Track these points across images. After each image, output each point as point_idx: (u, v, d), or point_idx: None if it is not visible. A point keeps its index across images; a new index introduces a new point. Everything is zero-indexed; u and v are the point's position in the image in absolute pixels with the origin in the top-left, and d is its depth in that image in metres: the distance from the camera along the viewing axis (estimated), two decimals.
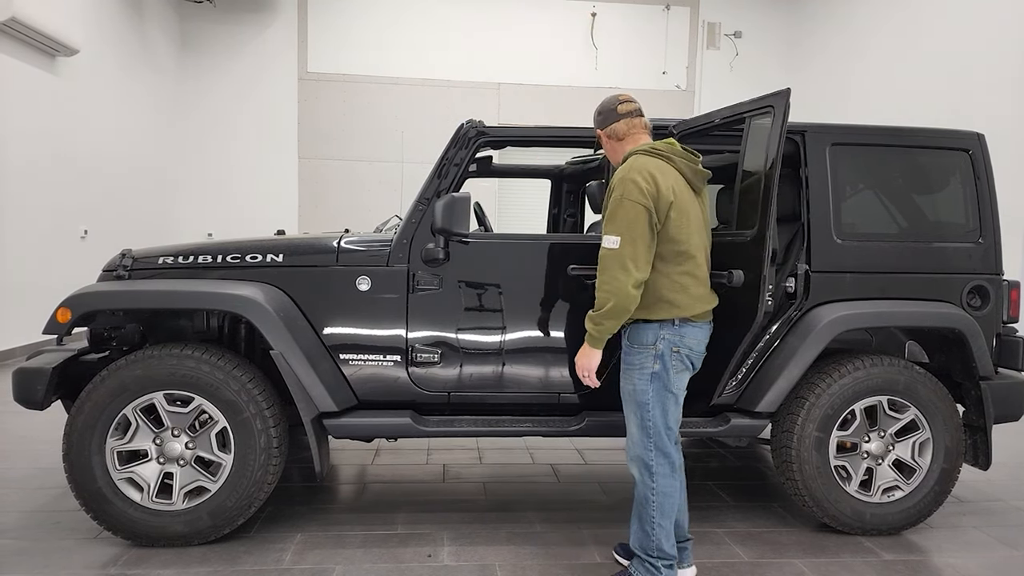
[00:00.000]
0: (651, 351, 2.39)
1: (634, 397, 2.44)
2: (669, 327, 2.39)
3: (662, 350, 2.38)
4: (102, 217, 8.26)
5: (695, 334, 2.43)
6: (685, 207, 2.38)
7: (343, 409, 2.91)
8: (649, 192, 2.30)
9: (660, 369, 2.38)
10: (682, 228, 2.36)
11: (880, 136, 3.18)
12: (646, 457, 2.43)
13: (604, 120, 2.55)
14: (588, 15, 10.84)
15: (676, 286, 2.37)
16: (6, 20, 6.26)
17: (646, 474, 2.43)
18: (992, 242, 3.21)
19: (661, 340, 2.38)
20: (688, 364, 2.44)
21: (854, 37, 9.46)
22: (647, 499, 2.42)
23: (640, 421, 2.43)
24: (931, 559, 2.91)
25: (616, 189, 2.35)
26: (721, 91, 11.04)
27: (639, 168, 2.34)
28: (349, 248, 2.99)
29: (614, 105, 2.53)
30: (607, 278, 2.32)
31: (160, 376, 2.72)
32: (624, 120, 2.51)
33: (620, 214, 2.32)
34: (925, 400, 3.03)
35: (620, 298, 2.30)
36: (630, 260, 2.29)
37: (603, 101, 2.58)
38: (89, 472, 2.71)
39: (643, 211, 2.30)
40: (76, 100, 7.74)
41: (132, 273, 2.97)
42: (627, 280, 2.29)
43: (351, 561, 2.76)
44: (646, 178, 2.31)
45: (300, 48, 10.51)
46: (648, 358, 2.39)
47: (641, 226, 2.30)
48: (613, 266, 2.31)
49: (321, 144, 10.57)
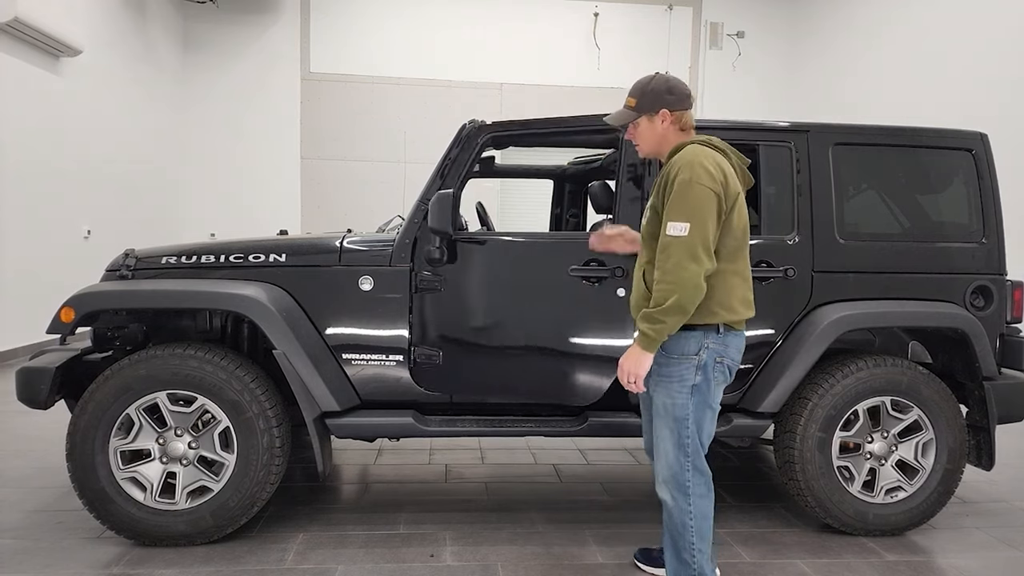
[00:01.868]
0: (693, 361, 2.16)
1: (672, 412, 2.20)
2: (714, 335, 2.17)
3: (705, 360, 2.16)
4: (105, 217, 8.27)
5: (737, 343, 2.24)
6: (741, 201, 2.21)
7: (345, 409, 2.91)
8: (720, 179, 2.11)
9: (702, 381, 2.17)
10: (738, 223, 2.19)
11: (883, 136, 3.17)
12: (682, 478, 2.22)
13: (678, 102, 2.26)
14: (590, 15, 10.83)
15: (727, 287, 2.17)
16: (9, 20, 6.27)
17: (681, 497, 2.23)
18: (995, 242, 3.20)
19: (705, 349, 2.16)
20: (728, 376, 2.25)
21: (856, 37, 9.44)
22: (684, 525, 2.23)
23: (678, 439, 2.20)
24: (934, 560, 2.91)
25: (682, 172, 2.10)
26: (723, 91, 11.05)
27: (705, 157, 2.14)
28: (352, 248, 2.99)
29: (687, 91, 2.28)
30: (672, 267, 2.05)
31: (163, 376, 2.73)
32: (690, 112, 2.30)
33: (690, 198, 2.07)
34: (928, 400, 3.03)
35: (688, 291, 2.04)
36: (702, 248, 2.05)
37: (668, 79, 2.29)
38: (92, 472, 2.71)
39: (714, 196, 2.09)
40: (79, 100, 7.76)
41: (135, 273, 2.98)
42: (698, 270, 2.05)
43: (353, 561, 2.76)
44: (715, 164, 2.13)
45: (303, 48, 10.51)
46: (690, 369, 2.16)
47: (712, 212, 2.08)
48: (681, 255, 2.04)
49: (323, 144, 10.58)
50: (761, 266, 3.05)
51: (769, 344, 3.07)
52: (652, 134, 2.29)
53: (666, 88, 2.27)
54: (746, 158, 2.33)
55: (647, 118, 2.28)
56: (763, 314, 3.06)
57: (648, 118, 2.28)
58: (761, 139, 3.13)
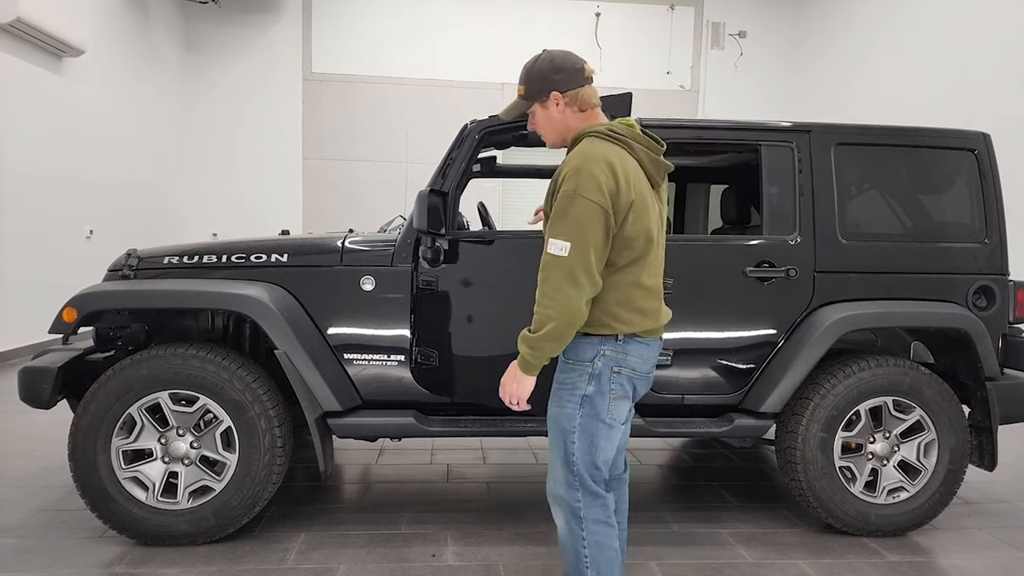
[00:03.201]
0: (587, 369, 1.96)
1: (559, 422, 2.00)
2: (612, 342, 1.96)
3: (600, 369, 1.96)
4: (107, 217, 8.28)
5: (641, 352, 1.99)
6: (643, 205, 1.93)
7: (347, 409, 2.91)
8: (608, 188, 1.84)
9: (594, 392, 1.96)
10: (639, 231, 1.92)
11: (885, 136, 3.17)
12: (570, 498, 1.99)
13: (567, 81, 1.98)
14: (592, 15, 10.83)
15: (623, 298, 1.95)
16: (12, 21, 6.29)
17: (573, 521, 2.00)
18: (998, 242, 3.19)
19: (601, 357, 1.96)
20: (629, 389, 2.01)
21: (858, 37, 9.44)
22: (578, 555, 2.00)
23: (564, 454, 1.99)
24: (936, 560, 2.90)
25: (567, 181, 1.86)
26: (725, 91, 11.04)
27: (597, 157, 1.87)
28: (353, 248, 2.99)
29: (579, 64, 2.00)
30: (551, 291, 1.85)
31: (165, 375, 2.73)
32: (589, 87, 2.00)
33: (572, 213, 1.84)
34: (930, 401, 3.02)
35: (567, 317, 1.85)
36: (582, 272, 1.84)
37: (553, 56, 2.01)
38: (94, 471, 2.72)
39: (600, 212, 1.84)
40: (81, 101, 7.77)
41: (137, 273, 2.98)
42: (578, 296, 1.85)
43: (355, 561, 2.76)
44: (605, 171, 1.85)
45: (304, 48, 10.52)
46: (583, 377, 1.96)
47: (597, 229, 1.84)
48: (560, 278, 1.84)
49: (325, 144, 10.59)
50: (763, 266, 3.05)
51: (771, 344, 3.07)
52: (550, 122, 2.04)
53: (551, 67, 1.99)
54: (661, 141, 2.03)
55: (540, 105, 2.03)
56: (765, 314, 3.06)
57: (541, 105, 2.03)
58: (763, 139, 3.12)
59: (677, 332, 3.05)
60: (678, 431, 3.06)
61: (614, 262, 1.93)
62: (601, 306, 1.94)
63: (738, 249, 3.09)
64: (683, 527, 3.16)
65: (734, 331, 3.08)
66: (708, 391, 3.08)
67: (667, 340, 3.03)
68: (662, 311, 2.05)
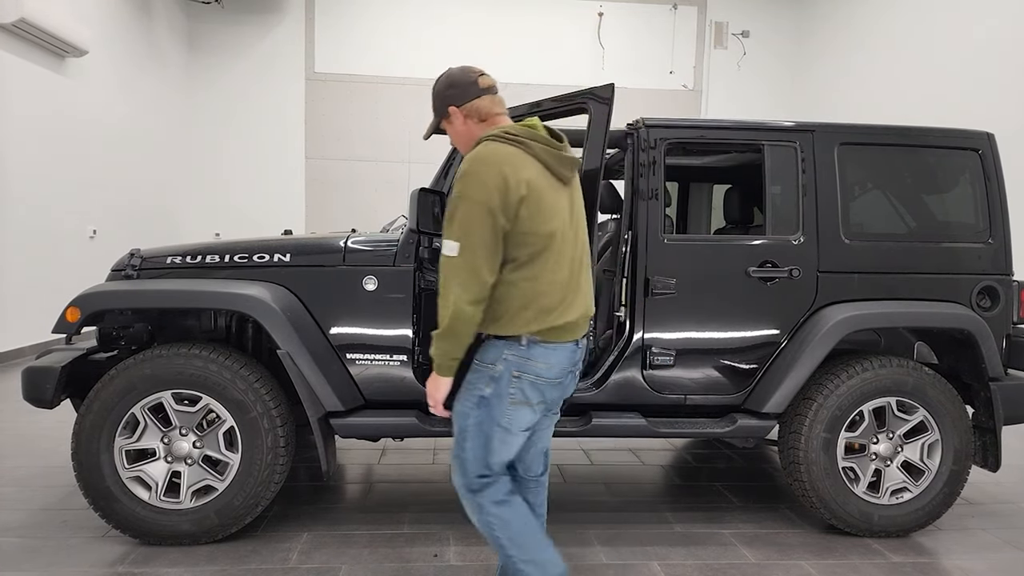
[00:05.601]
0: (488, 371, 1.99)
1: (457, 420, 2.06)
2: (516, 346, 1.96)
3: (500, 373, 1.97)
4: (111, 217, 8.30)
5: (547, 358, 1.98)
6: (542, 201, 1.94)
7: (350, 409, 2.91)
8: (496, 187, 1.87)
9: (491, 395, 1.98)
10: (537, 226, 1.93)
11: (889, 136, 3.16)
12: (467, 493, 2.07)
13: (461, 95, 2.05)
14: (595, 15, 10.83)
15: (525, 295, 1.95)
16: (15, 21, 6.30)
17: (476, 513, 2.08)
18: (1002, 242, 3.19)
19: (502, 361, 1.97)
20: (532, 395, 1.99)
21: (862, 37, 9.42)
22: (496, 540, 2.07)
23: (458, 450, 2.05)
24: (940, 561, 2.90)
25: (456, 184, 1.92)
26: (728, 91, 11.03)
27: (484, 159, 1.91)
28: (356, 248, 2.99)
29: (472, 77, 2.06)
30: (444, 291, 1.92)
31: (168, 375, 2.73)
32: (487, 97, 2.06)
33: (458, 215, 1.89)
34: (934, 401, 3.02)
35: (455, 318, 1.91)
36: (468, 273, 1.89)
37: (450, 73, 2.09)
38: (97, 471, 2.72)
39: (485, 212, 1.87)
40: (85, 100, 7.78)
41: (140, 273, 2.99)
42: (463, 297, 1.89)
43: (357, 560, 2.76)
44: (492, 172, 1.89)
45: (307, 48, 10.54)
46: (483, 379, 1.99)
47: (482, 231, 1.88)
48: (449, 279, 1.91)
49: (328, 144, 10.60)
50: (766, 266, 3.05)
51: (774, 344, 3.07)
52: (458, 136, 2.12)
53: (447, 84, 2.09)
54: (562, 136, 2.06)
55: (446, 121, 2.12)
56: (768, 314, 3.06)
57: (447, 120, 2.12)
58: (766, 139, 3.12)
59: (680, 332, 3.05)
60: (681, 431, 3.05)
61: (515, 258, 1.95)
62: (504, 305, 1.96)
63: (741, 249, 3.09)
64: (686, 527, 3.16)
65: (737, 331, 3.07)
66: (711, 391, 3.08)
67: (670, 340, 3.03)
68: (574, 306, 2.02)
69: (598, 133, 2.54)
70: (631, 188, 3.09)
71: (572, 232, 2.04)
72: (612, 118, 2.63)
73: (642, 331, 3.03)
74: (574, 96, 2.71)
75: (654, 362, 3.02)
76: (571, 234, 2.04)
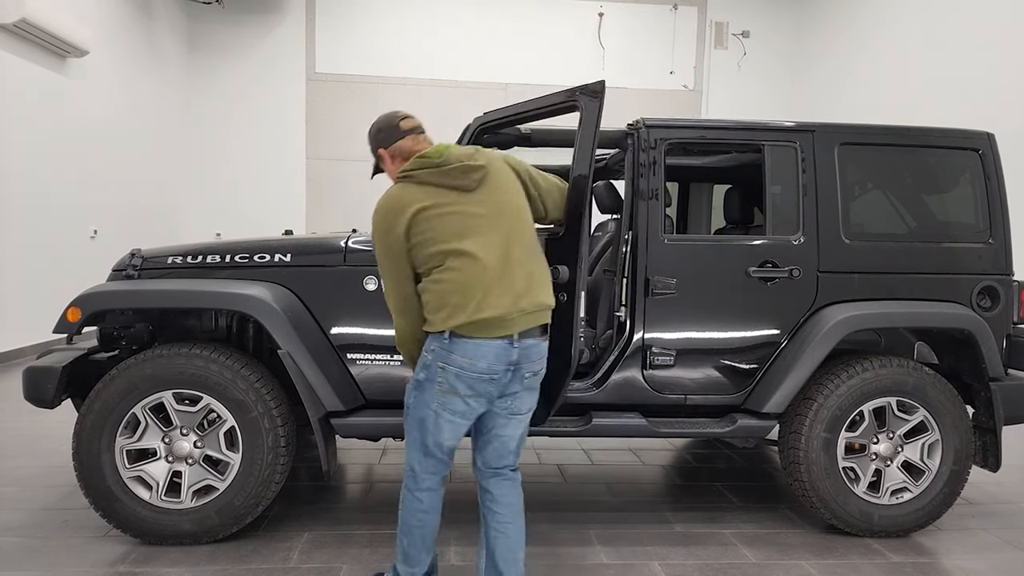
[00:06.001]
0: (424, 359, 2.19)
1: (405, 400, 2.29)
2: (439, 339, 2.14)
3: (430, 361, 2.16)
4: (112, 217, 8.31)
5: (468, 351, 2.10)
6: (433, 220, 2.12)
7: (350, 408, 2.92)
8: (385, 230, 2.16)
9: (424, 380, 2.18)
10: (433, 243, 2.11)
11: (889, 136, 3.16)
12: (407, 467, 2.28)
13: (387, 138, 2.31)
14: (595, 15, 10.83)
15: (438, 300, 2.12)
16: (16, 21, 6.30)
17: (407, 479, 2.28)
18: (1002, 242, 3.19)
19: (431, 352, 2.17)
20: (459, 387, 2.13)
21: (862, 37, 9.42)
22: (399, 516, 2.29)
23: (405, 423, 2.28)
24: (940, 561, 2.90)
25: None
26: (729, 91, 11.03)
27: (377, 209, 2.21)
28: (357, 248, 3.00)
29: (395, 122, 2.32)
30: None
31: (169, 375, 2.74)
32: (410, 137, 2.29)
33: (375, 256, 2.25)
34: (934, 401, 3.02)
35: (396, 330, 2.29)
36: (390, 295, 2.24)
37: (378, 119, 2.38)
38: (98, 470, 2.73)
39: (385, 250, 2.18)
40: (86, 101, 7.79)
41: (141, 273, 2.99)
42: (394, 313, 2.25)
43: (358, 560, 2.76)
44: (380, 215, 2.18)
45: (308, 49, 10.54)
46: (420, 366, 2.20)
47: (386, 263, 2.19)
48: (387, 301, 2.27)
49: (328, 144, 10.60)
50: (766, 266, 3.05)
51: (774, 344, 3.07)
52: (390, 173, 2.35)
53: (375, 129, 2.36)
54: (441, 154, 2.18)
55: (381, 162, 2.38)
56: (768, 314, 3.06)
57: (381, 161, 2.38)
58: (766, 139, 3.12)
59: (680, 332, 3.05)
60: (681, 431, 3.06)
61: (425, 270, 2.16)
62: (428, 308, 2.17)
63: (741, 249, 3.09)
64: (686, 527, 3.16)
65: (737, 331, 3.07)
66: (711, 391, 3.08)
67: (670, 340, 3.03)
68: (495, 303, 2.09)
69: (589, 129, 2.54)
70: (631, 188, 3.10)
71: (496, 231, 2.15)
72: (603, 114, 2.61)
73: (642, 331, 3.03)
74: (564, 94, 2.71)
75: (654, 362, 3.03)
76: (495, 234, 2.15)
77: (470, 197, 2.17)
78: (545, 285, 2.25)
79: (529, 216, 2.29)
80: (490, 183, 2.21)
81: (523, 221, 2.24)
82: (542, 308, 2.20)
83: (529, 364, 2.19)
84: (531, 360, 2.19)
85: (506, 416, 2.25)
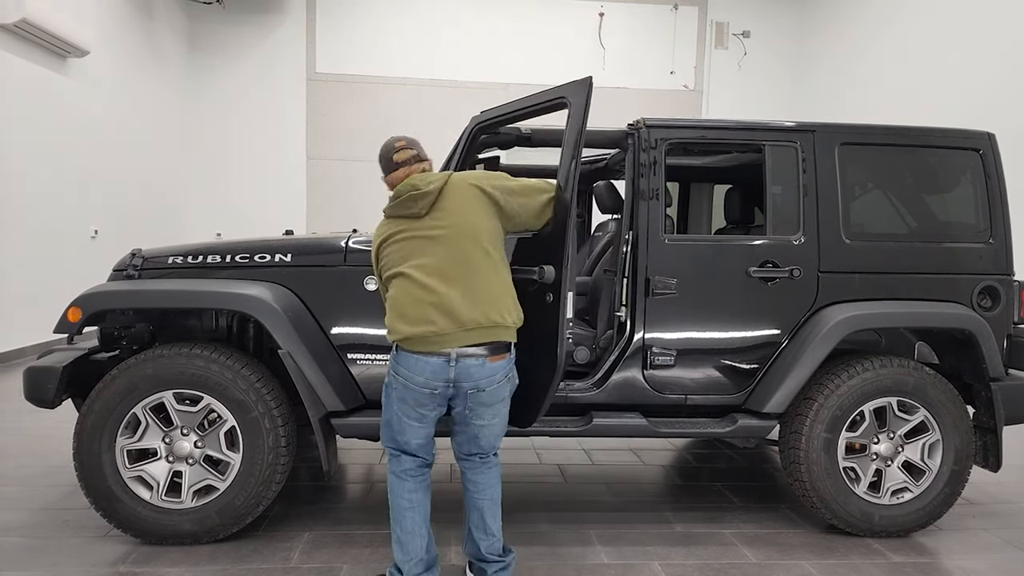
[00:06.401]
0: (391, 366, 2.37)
1: None
2: (393, 350, 2.33)
3: (389, 368, 2.36)
4: (112, 217, 8.31)
5: (409, 364, 2.26)
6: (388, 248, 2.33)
7: (351, 408, 2.92)
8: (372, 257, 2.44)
9: (389, 382, 2.36)
10: (390, 258, 2.33)
11: (890, 136, 3.16)
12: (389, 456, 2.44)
13: (384, 169, 2.45)
14: (596, 15, 10.83)
15: (387, 312, 2.33)
16: (17, 21, 6.31)
17: (390, 462, 2.42)
18: (1003, 242, 3.19)
19: (391, 361, 2.36)
20: (406, 395, 2.29)
21: (863, 37, 9.42)
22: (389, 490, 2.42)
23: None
24: (940, 561, 2.90)
25: None
26: (729, 91, 11.03)
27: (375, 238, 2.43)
28: (357, 248, 3.00)
29: (390, 154, 2.42)
30: None
31: (169, 375, 2.74)
32: (403, 169, 2.39)
33: None
34: (935, 401, 3.02)
35: None
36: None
37: (382, 147, 2.46)
38: (99, 470, 2.73)
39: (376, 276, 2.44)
40: (86, 101, 7.79)
41: (142, 273, 2.99)
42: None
43: (358, 560, 2.76)
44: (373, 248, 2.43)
45: (308, 49, 10.54)
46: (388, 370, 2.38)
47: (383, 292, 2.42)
48: None
49: (329, 144, 10.60)
50: (767, 266, 3.05)
51: (775, 344, 3.07)
52: None
53: (379, 157, 2.46)
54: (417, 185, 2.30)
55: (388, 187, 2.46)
56: (769, 314, 3.06)
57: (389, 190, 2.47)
58: (767, 139, 3.12)
59: (680, 332, 3.05)
60: (682, 431, 3.06)
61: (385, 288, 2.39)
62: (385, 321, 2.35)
63: (742, 249, 3.09)
64: (686, 527, 3.16)
65: (738, 331, 3.07)
66: (712, 391, 3.08)
67: (670, 340, 3.04)
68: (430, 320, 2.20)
69: (575, 126, 2.54)
70: (632, 188, 3.10)
71: (439, 253, 2.26)
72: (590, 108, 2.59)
73: (643, 331, 3.03)
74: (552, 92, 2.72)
75: (655, 362, 3.03)
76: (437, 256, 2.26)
77: (420, 223, 2.30)
78: (496, 302, 2.26)
79: (488, 235, 2.31)
80: (443, 207, 2.30)
81: (475, 240, 2.28)
82: (486, 326, 2.23)
83: (470, 382, 2.25)
84: (472, 379, 2.25)
85: (477, 414, 2.33)
